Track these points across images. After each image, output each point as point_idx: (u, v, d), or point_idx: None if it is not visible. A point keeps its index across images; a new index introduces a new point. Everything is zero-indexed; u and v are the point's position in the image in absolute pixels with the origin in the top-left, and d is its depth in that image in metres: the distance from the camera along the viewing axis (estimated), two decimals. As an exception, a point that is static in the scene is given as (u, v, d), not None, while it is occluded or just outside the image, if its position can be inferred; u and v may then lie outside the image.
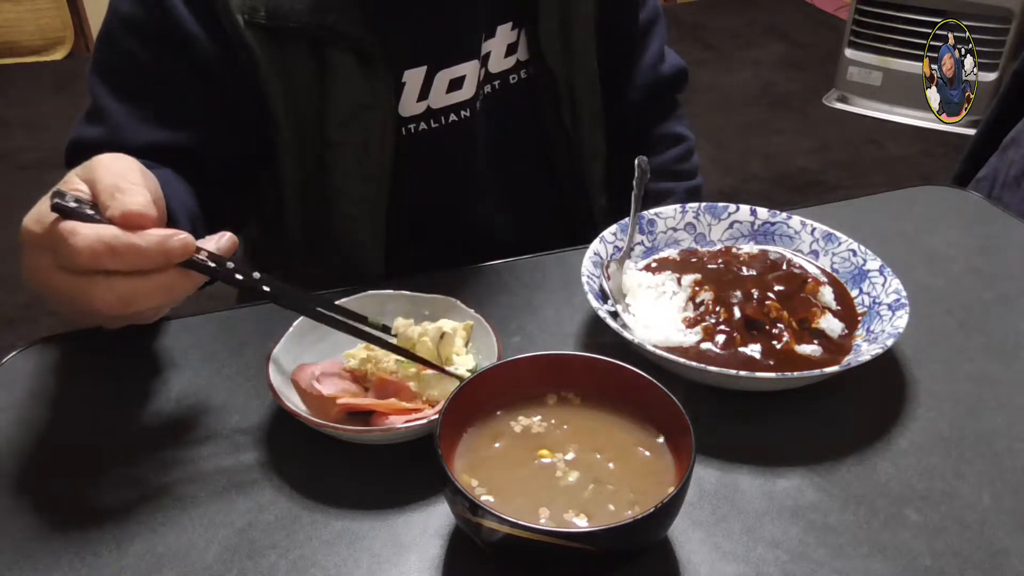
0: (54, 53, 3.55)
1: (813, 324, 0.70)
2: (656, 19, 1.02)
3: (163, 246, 0.52)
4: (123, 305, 0.52)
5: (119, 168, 0.55)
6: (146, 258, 0.51)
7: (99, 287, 0.51)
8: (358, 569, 0.55)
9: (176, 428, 0.65)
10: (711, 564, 0.55)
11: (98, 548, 0.56)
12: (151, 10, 0.73)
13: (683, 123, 1.08)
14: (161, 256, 0.52)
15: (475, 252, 0.86)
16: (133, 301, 0.52)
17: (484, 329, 0.67)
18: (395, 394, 0.62)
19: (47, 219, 0.52)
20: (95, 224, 0.51)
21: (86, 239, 0.50)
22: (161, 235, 0.52)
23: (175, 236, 0.52)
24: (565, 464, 0.55)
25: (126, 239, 0.51)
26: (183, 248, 0.53)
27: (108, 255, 0.50)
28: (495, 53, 0.87)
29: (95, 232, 0.50)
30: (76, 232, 0.50)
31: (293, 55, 0.76)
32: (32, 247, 0.54)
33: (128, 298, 0.52)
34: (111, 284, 0.51)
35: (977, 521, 0.58)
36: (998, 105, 1.30)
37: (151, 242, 0.51)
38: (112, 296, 0.51)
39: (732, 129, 2.99)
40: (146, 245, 0.51)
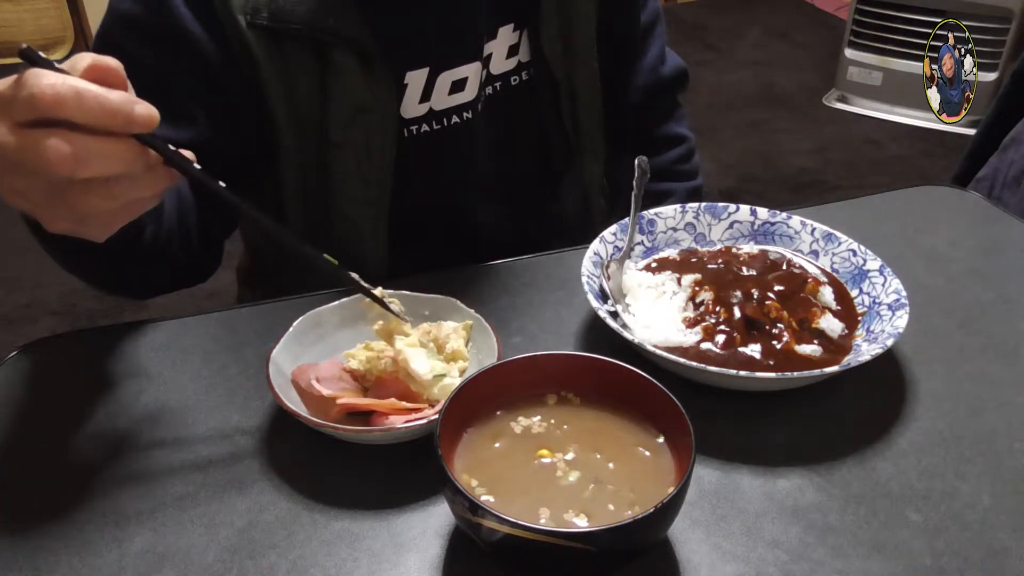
0: (54, 53, 3.55)
1: (813, 324, 0.70)
2: (656, 20, 1.02)
3: (128, 105, 0.50)
4: (75, 162, 0.49)
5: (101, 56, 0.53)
6: (109, 113, 0.49)
7: (53, 137, 0.49)
8: (358, 569, 0.55)
9: (176, 428, 0.65)
10: (711, 564, 0.55)
11: (98, 548, 0.56)
12: (152, 9, 0.73)
13: (684, 124, 1.08)
14: (124, 117, 0.50)
15: (475, 252, 0.86)
16: (86, 159, 0.49)
17: (484, 329, 0.67)
18: (395, 394, 0.62)
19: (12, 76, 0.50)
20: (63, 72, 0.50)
21: (51, 80, 0.48)
22: (127, 96, 0.50)
23: (140, 102, 0.51)
24: (565, 464, 0.55)
25: (94, 88, 0.49)
26: (147, 115, 0.51)
27: (73, 101, 0.48)
28: (497, 55, 0.87)
29: (62, 76, 0.49)
30: (41, 74, 0.48)
31: (295, 57, 0.76)
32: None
33: (82, 154, 0.49)
34: (66, 135, 0.49)
35: (977, 521, 0.58)
36: (998, 105, 1.30)
37: (117, 98, 0.50)
38: (66, 148, 0.49)
39: (732, 129, 2.99)
40: (112, 98, 0.49)
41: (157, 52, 0.74)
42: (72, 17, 3.53)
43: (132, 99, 0.51)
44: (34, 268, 2.24)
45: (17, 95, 0.49)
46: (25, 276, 2.24)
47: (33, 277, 2.23)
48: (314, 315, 0.69)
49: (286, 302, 0.79)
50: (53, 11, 3.49)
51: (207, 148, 0.77)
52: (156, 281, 0.82)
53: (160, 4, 0.73)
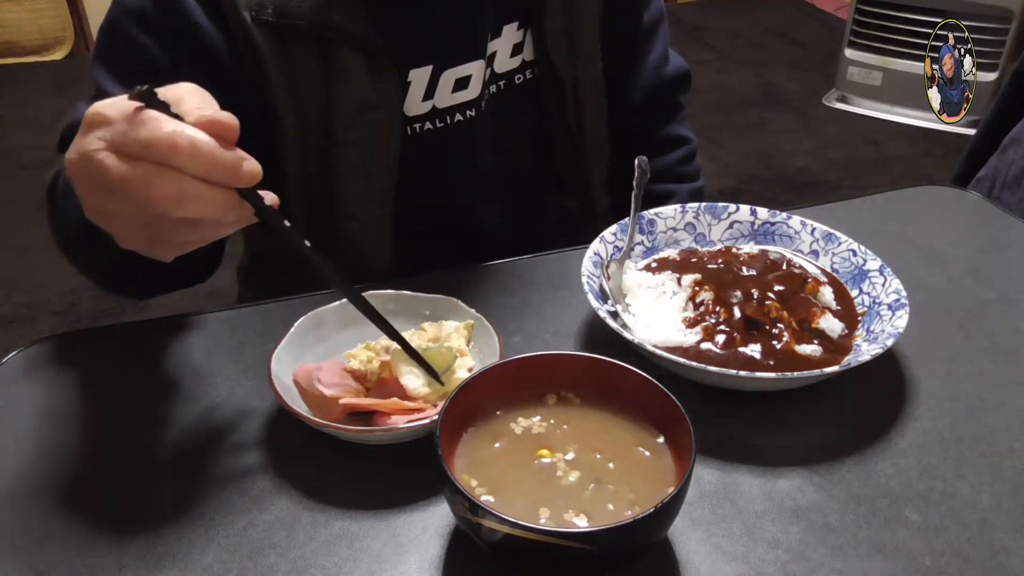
0: (54, 53, 3.55)
1: (813, 324, 0.70)
2: (660, 21, 1.02)
3: (238, 163, 0.51)
4: (179, 202, 0.50)
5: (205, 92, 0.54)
6: (220, 169, 0.51)
7: (162, 177, 0.50)
8: (358, 569, 0.55)
9: (176, 428, 0.65)
10: (711, 564, 0.55)
11: (98, 548, 0.56)
12: (159, 3, 0.73)
13: (686, 125, 1.08)
14: (232, 173, 0.51)
15: (476, 252, 0.86)
16: (190, 201, 0.51)
17: (486, 329, 0.67)
18: (397, 393, 0.62)
19: (125, 105, 0.51)
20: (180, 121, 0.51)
21: (171, 128, 0.49)
22: (239, 153, 0.52)
23: (249, 159, 0.52)
24: (565, 464, 0.55)
25: (210, 142, 0.50)
26: (253, 172, 0.52)
27: (187, 152, 0.49)
28: (501, 53, 0.87)
29: (181, 126, 0.50)
30: (160, 119, 0.49)
31: (299, 53, 0.76)
32: (95, 127, 0.52)
33: (186, 198, 0.51)
34: (175, 178, 0.50)
35: (977, 521, 0.58)
36: (998, 105, 1.30)
37: (230, 155, 0.51)
38: (173, 190, 0.50)
39: (732, 129, 2.99)
40: (225, 156, 0.51)
41: (163, 45, 0.74)
42: (72, 17, 3.53)
43: (241, 156, 0.52)
44: (34, 268, 2.24)
45: (131, 132, 0.50)
46: (25, 276, 2.24)
47: (33, 277, 2.23)
48: (315, 315, 0.69)
49: (286, 302, 0.79)
50: (53, 11, 3.49)
51: None
52: (159, 281, 0.82)
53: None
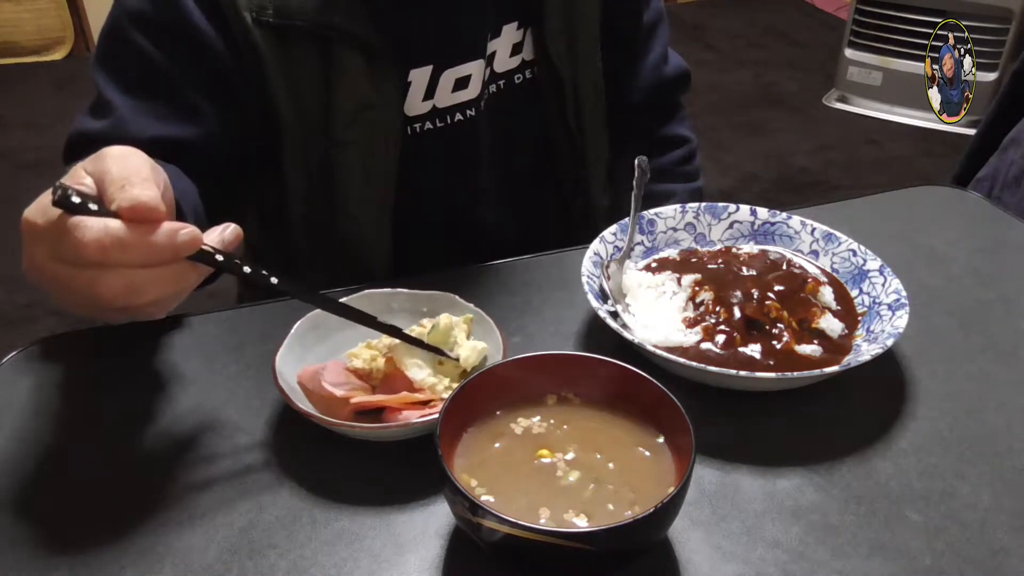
0: (54, 53, 3.55)
1: (813, 324, 0.70)
2: (659, 21, 1.02)
3: (172, 240, 0.51)
4: (130, 295, 0.51)
5: (130, 162, 0.53)
6: (155, 252, 0.50)
7: (105, 277, 0.50)
8: (358, 569, 0.55)
9: (176, 428, 0.65)
10: (711, 564, 0.55)
11: (98, 548, 0.56)
12: (159, 5, 0.73)
13: (685, 125, 1.08)
14: (170, 251, 0.51)
15: (476, 252, 0.86)
16: (140, 291, 0.51)
17: (488, 326, 0.67)
18: (405, 388, 0.62)
19: (51, 212, 0.51)
20: (102, 218, 0.50)
21: (93, 232, 0.49)
22: (170, 229, 0.51)
23: (183, 230, 0.51)
24: (565, 464, 0.55)
25: (136, 233, 0.50)
26: (191, 242, 0.52)
27: (116, 248, 0.49)
28: (500, 53, 0.87)
29: (103, 225, 0.49)
30: (82, 225, 0.49)
31: (299, 53, 0.76)
32: (33, 239, 0.53)
33: (136, 288, 0.51)
34: (118, 274, 0.50)
35: (977, 521, 0.58)
36: (998, 105, 1.30)
37: (160, 236, 0.50)
38: (119, 286, 0.50)
39: (732, 129, 2.99)
40: (155, 239, 0.50)
41: (164, 47, 0.74)
42: (72, 17, 3.53)
43: (174, 229, 0.51)
44: (34, 268, 2.24)
45: (60, 243, 0.50)
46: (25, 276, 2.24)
47: (33, 277, 2.23)
48: (315, 316, 0.69)
49: (286, 302, 0.79)
50: (53, 11, 3.49)
51: (213, 144, 0.78)
52: None
53: (168, 0, 0.73)
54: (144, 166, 0.53)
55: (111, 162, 0.52)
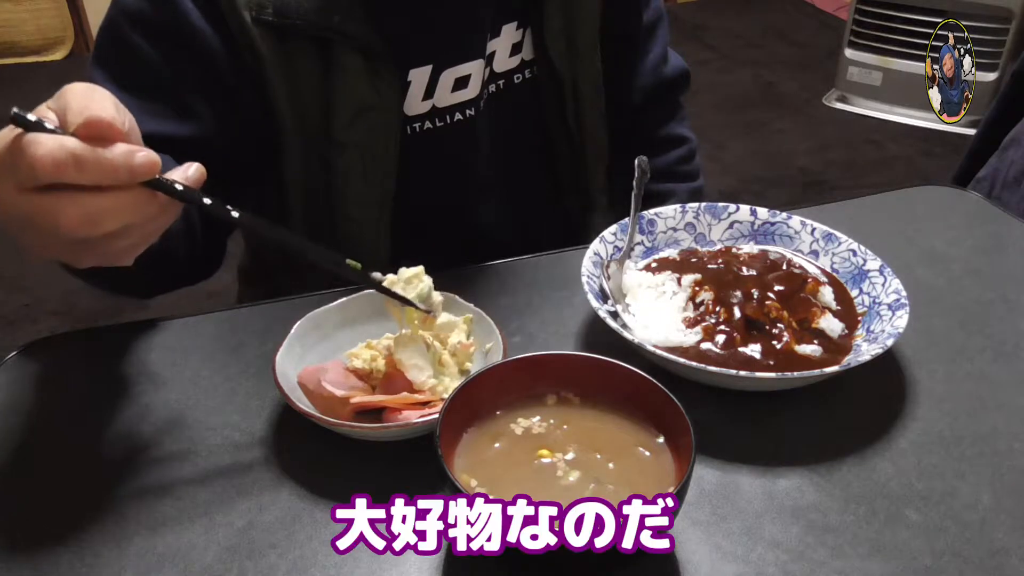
0: (54, 53, 3.55)
1: (813, 324, 0.70)
2: (659, 21, 1.02)
3: (128, 160, 0.50)
4: (89, 224, 0.50)
5: (93, 93, 0.52)
6: (111, 171, 0.49)
7: (63, 202, 0.49)
8: (358, 569, 0.55)
9: (176, 428, 0.65)
10: (711, 564, 0.55)
11: (98, 548, 0.56)
12: (157, 5, 0.73)
13: (685, 125, 1.08)
14: (126, 171, 0.50)
15: (476, 252, 0.86)
16: (99, 219, 0.50)
17: (487, 326, 0.67)
18: (405, 388, 0.62)
19: (7, 137, 0.50)
20: (58, 135, 0.49)
21: (47, 147, 0.48)
22: (126, 148, 0.50)
23: (140, 151, 0.51)
24: (565, 464, 0.55)
25: (91, 149, 0.49)
26: (148, 164, 0.51)
27: (72, 166, 0.48)
28: (500, 52, 0.87)
29: (57, 141, 0.48)
30: (36, 141, 0.48)
31: (298, 53, 0.76)
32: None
33: (94, 215, 0.50)
34: (75, 199, 0.49)
35: (977, 521, 0.58)
36: (998, 105, 1.30)
37: (116, 154, 0.49)
38: (77, 212, 0.49)
39: (732, 129, 2.99)
40: (111, 157, 0.49)
41: (162, 47, 0.74)
42: (72, 17, 3.53)
43: (131, 150, 0.50)
44: (34, 268, 2.24)
45: (15, 163, 0.49)
46: (25, 276, 2.24)
47: (33, 277, 2.23)
48: (314, 316, 0.69)
49: (286, 302, 0.79)
50: (53, 11, 3.49)
51: (211, 144, 0.78)
52: (161, 281, 0.82)
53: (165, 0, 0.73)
54: (107, 100, 0.52)
55: (71, 95, 0.52)
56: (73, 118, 0.50)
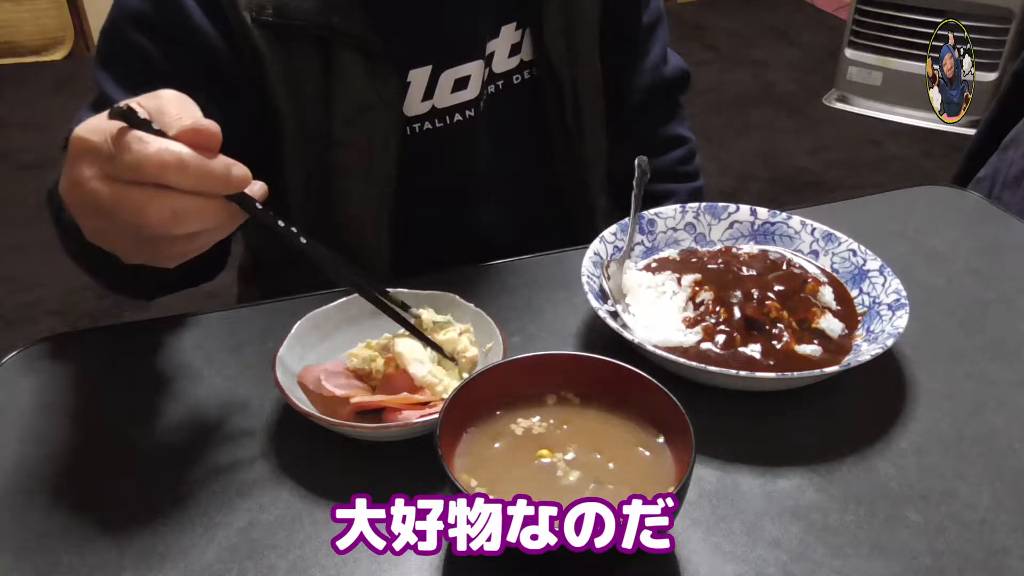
0: (54, 53, 3.55)
1: (813, 324, 0.70)
2: (659, 21, 1.02)
3: (227, 172, 0.51)
4: (175, 222, 0.51)
5: (187, 101, 0.54)
6: (211, 179, 0.51)
7: (156, 199, 0.50)
8: (358, 569, 0.55)
9: (176, 428, 0.65)
10: (711, 564, 0.55)
11: (98, 548, 0.56)
12: (159, 5, 0.73)
13: (685, 125, 1.08)
14: (223, 181, 0.51)
15: (476, 252, 0.86)
16: (185, 220, 0.51)
17: (487, 326, 0.67)
18: (405, 388, 0.62)
19: (108, 127, 0.51)
20: (164, 137, 0.51)
21: (155, 147, 0.49)
22: (227, 160, 0.52)
23: (238, 165, 0.52)
24: (565, 464, 0.55)
25: (197, 156, 0.50)
26: (244, 177, 0.52)
27: (175, 169, 0.49)
28: (499, 53, 0.87)
29: (165, 143, 0.50)
30: (145, 139, 0.49)
31: (299, 54, 0.76)
32: (82, 155, 0.52)
33: (181, 216, 0.51)
34: (166, 198, 0.50)
35: (977, 521, 0.58)
36: (998, 105, 1.30)
37: (218, 164, 0.51)
38: (167, 210, 0.50)
39: (732, 129, 2.99)
40: (213, 166, 0.51)
41: (164, 47, 0.74)
42: (72, 17, 3.53)
43: (229, 163, 0.52)
44: (34, 268, 2.24)
45: (119, 156, 0.50)
46: (25, 276, 2.24)
47: (33, 277, 2.23)
48: (315, 316, 0.69)
49: (286, 302, 0.79)
50: (53, 11, 3.49)
51: None
52: (165, 283, 0.81)
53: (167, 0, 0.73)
54: (198, 109, 0.54)
55: (168, 98, 0.53)
56: (172, 122, 0.51)
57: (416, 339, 0.64)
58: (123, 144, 0.50)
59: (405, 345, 0.64)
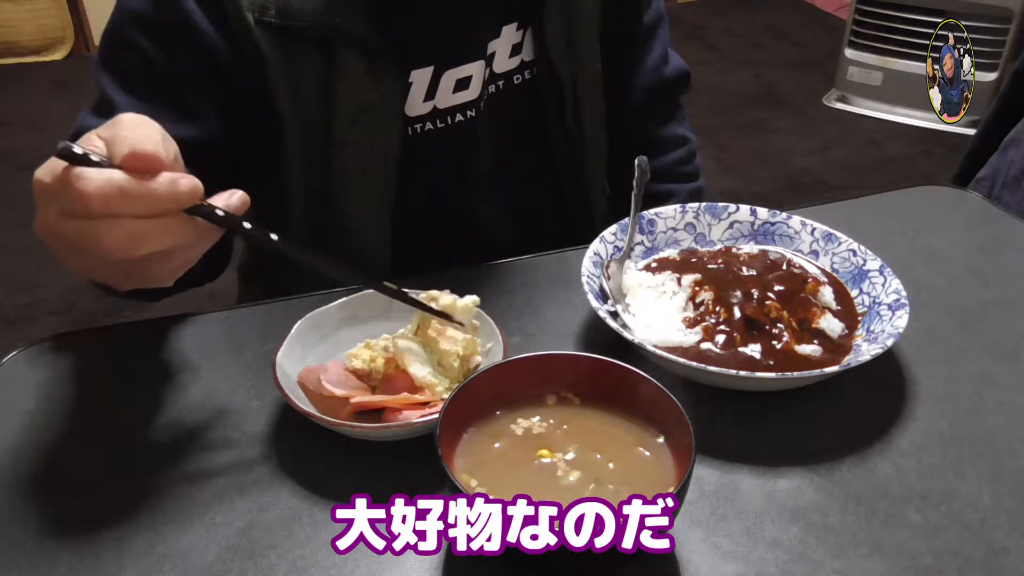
0: (54, 53, 3.55)
1: (813, 324, 0.70)
2: (659, 21, 1.02)
3: (173, 189, 0.52)
4: (133, 244, 0.51)
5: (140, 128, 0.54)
6: (156, 201, 0.51)
7: (107, 226, 0.51)
8: (358, 569, 0.55)
9: (176, 428, 0.65)
10: (711, 564, 0.55)
11: (98, 548, 0.56)
12: (162, 6, 0.73)
13: (685, 125, 1.08)
14: (170, 198, 0.52)
15: (476, 252, 0.86)
16: (142, 241, 0.52)
17: (487, 326, 0.67)
18: (405, 388, 0.62)
19: (56, 168, 0.52)
20: (104, 168, 0.51)
21: (95, 181, 0.50)
22: (171, 177, 0.52)
23: (183, 179, 0.52)
24: (565, 464, 0.55)
25: (137, 182, 0.51)
26: (191, 191, 0.52)
27: (118, 197, 0.50)
28: (500, 53, 0.87)
29: (105, 175, 0.50)
30: (85, 176, 0.50)
31: (301, 54, 0.76)
32: (42, 197, 0.53)
33: (137, 237, 0.51)
34: (120, 223, 0.51)
35: (977, 521, 0.58)
36: (998, 105, 1.30)
37: (161, 184, 0.51)
38: (122, 234, 0.51)
39: (732, 129, 2.99)
40: (156, 187, 0.51)
41: (166, 48, 0.74)
42: (72, 17, 3.53)
43: (175, 179, 0.52)
44: (34, 268, 2.24)
45: (64, 194, 0.51)
46: (25, 276, 2.24)
47: (33, 277, 2.23)
48: (314, 316, 0.69)
49: (286, 302, 0.79)
50: (53, 11, 3.49)
51: (214, 145, 0.78)
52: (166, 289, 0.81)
53: (170, 1, 0.73)
54: (155, 132, 0.54)
55: (122, 127, 0.53)
56: (119, 149, 0.52)
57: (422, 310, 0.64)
58: (66, 182, 0.50)
59: (405, 345, 0.64)
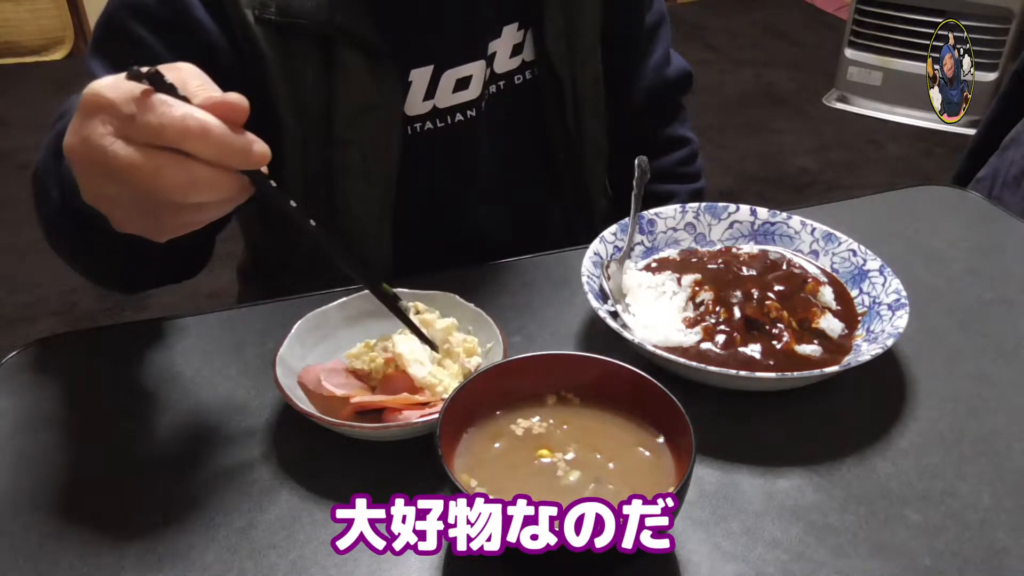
0: (54, 53, 3.55)
1: (813, 324, 0.70)
2: (661, 22, 1.02)
3: (249, 146, 0.50)
4: (188, 189, 0.50)
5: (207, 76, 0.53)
6: (231, 152, 0.50)
7: (174, 165, 0.49)
8: (358, 569, 0.55)
9: (176, 428, 0.65)
10: (711, 564, 0.55)
11: (98, 548, 0.56)
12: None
13: (687, 126, 1.08)
14: (243, 156, 0.50)
15: (476, 252, 0.86)
16: (199, 189, 0.50)
17: (487, 326, 0.67)
18: (405, 388, 0.62)
19: (129, 87, 0.49)
20: (188, 104, 0.49)
21: (180, 112, 0.48)
22: (250, 136, 0.51)
23: (259, 142, 0.51)
24: (565, 464, 0.55)
25: (221, 126, 0.49)
26: (263, 155, 0.51)
27: (198, 136, 0.48)
28: (501, 53, 0.87)
29: (189, 109, 0.49)
30: (170, 102, 0.48)
31: (301, 53, 0.76)
32: (96, 111, 0.50)
33: (196, 184, 0.50)
34: (185, 164, 0.49)
35: (977, 521, 0.58)
36: (998, 105, 1.30)
37: (240, 138, 0.50)
38: (182, 175, 0.49)
39: (732, 129, 2.99)
40: (235, 139, 0.50)
41: (164, 41, 0.74)
42: (72, 17, 3.53)
43: (251, 139, 0.51)
44: (34, 268, 2.24)
45: (141, 117, 0.49)
46: (25, 276, 2.24)
47: (33, 277, 2.23)
48: (314, 316, 0.69)
49: (287, 302, 0.79)
50: (53, 11, 3.49)
51: None
52: (145, 273, 0.80)
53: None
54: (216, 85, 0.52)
55: (189, 70, 0.52)
56: (197, 91, 0.50)
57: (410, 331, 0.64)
58: (148, 105, 0.48)
59: (405, 345, 0.64)
